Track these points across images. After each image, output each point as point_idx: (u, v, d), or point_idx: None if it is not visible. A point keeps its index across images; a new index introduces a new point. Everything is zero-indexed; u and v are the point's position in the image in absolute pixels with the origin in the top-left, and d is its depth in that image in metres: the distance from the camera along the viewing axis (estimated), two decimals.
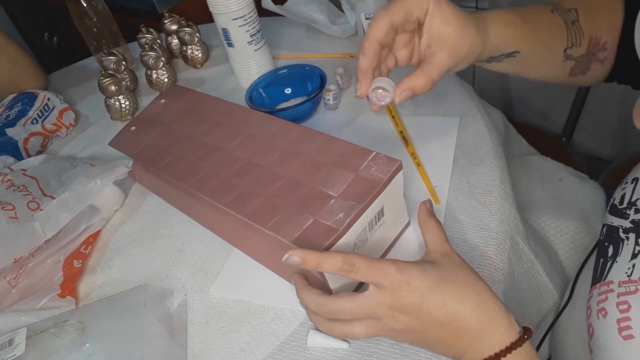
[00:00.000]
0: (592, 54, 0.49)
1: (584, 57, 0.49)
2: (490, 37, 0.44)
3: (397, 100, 0.42)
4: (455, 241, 0.48)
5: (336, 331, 0.38)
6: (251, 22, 0.72)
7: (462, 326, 0.35)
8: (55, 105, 0.81)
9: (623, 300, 0.39)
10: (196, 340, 0.47)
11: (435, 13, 0.41)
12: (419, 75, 0.42)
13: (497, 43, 0.45)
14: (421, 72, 0.42)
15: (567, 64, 0.49)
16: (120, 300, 0.50)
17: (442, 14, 0.41)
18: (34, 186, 0.58)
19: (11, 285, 0.53)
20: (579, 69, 0.50)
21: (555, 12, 0.48)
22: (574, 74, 0.51)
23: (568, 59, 0.49)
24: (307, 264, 0.36)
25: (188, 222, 0.59)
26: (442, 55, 0.42)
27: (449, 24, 0.41)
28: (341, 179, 0.43)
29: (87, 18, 0.88)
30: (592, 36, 0.48)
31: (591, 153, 1.23)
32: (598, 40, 0.49)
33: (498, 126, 0.66)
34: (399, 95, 0.42)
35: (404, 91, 0.42)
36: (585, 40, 0.48)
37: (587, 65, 0.50)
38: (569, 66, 0.50)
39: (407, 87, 0.42)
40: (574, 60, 0.49)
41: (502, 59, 0.47)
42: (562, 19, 0.48)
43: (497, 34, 0.45)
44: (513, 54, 0.47)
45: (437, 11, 0.41)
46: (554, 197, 0.67)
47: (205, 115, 0.58)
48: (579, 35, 0.48)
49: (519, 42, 0.46)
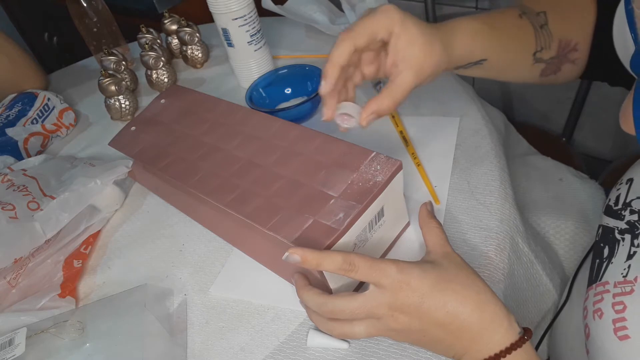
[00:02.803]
0: (562, 56, 0.49)
1: (554, 58, 0.49)
2: (457, 49, 0.44)
3: (363, 124, 0.43)
4: (455, 241, 0.48)
5: (336, 331, 0.38)
6: (251, 22, 0.72)
7: (462, 326, 0.35)
8: (55, 105, 0.81)
9: (619, 301, 0.39)
10: (196, 340, 0.47)
11: (401, 34, 0.41)
12: (384, 98, 0.42)
13: (464, 54, 0.45)
14: (386, 94, 0.42)
15: (537, 66, 0.49)
16: (120, 300, 0.50)
17: (407, 34, 0.41)
18: (34, 186, 0.58)
19: (11, 285, 0.53)
20: (550, 70, 0.50)
21: (523, 17, 0.48)
22: (545, 75, 0.51)
23: (538, 62, 0.49)
24: (307, 262, 0.36)
25: (188, 222, 0.59)
26: (407, 75, 0.42)
27: (415, 44, 0.41)
28: (341, 179, 0.43)
29: (87, 18, 0.88)
30: (561, 38, 0.48)
31: (591, 153, 1.23)
32: (568, 42, 0.48)
33: (498, 126, 0.66)
34: (364, 120, 0.43)
35: (370, 115, 0.43)
36: (555, 43, 0.48)
37: (558, 66, 0.50)
38: (540, 68, 0.50)
39: (373, 110, 0.42)
40: (544, 63, 0.49)
41: (469, 67, 0.47)
42: (531, 23, 0.47)
43: (464, 45, 0.45)
44: (480, 62, 0.47)
45: (402, 32, 0.41)
46: (554, 197, 0.67)
47: (205, 115, 0.58)
48: (548, 38, 0.48)
49: (487, 51, 0.46)
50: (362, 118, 0.43)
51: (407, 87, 0.42)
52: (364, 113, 0.43)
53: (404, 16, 0.41)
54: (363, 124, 0.43)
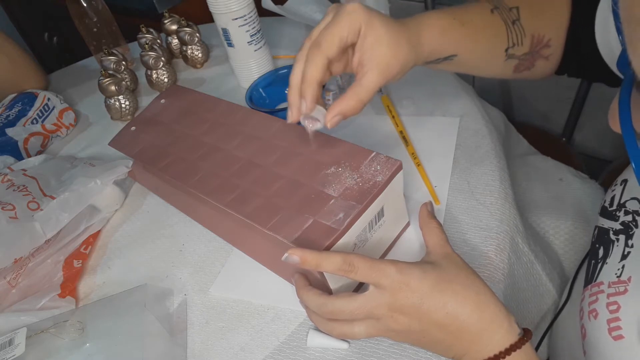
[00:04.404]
0: (535, 52, 0.49)
1: (527, 55, 0.49)
2: (425, 45, 0.44)
3: (328, 126, 0.42)
4: (455, 241, 0.48)
5: (336, 331, 0.38)
6: (251, 22, 0.72)
7: (462, 327, 0.35)
8: (55, 105, 0.81)
9: (613, 301, 0.39)
10: (196, 340, 0.47)
11: (368, 33, 0.41)
12: (349, 99, 0.42)
13: (433, 50, 0.45)
14: (351, 95, 0.42)
15: (510, 62, 0.49)
16: (120, 300, 0.50)
17: (374, 33, 0.41)
18: (34, 186, 0.58)
19: (11, 285, 0.53)
20: (523, 66, 0.50)
21: (495, 12, 0.47)
22: (518, 71, 0.50)
23: (510, 58, 0.48)
24: (307, 263, 0.36)
25: (188, 222, 0.59)
26: (372, 75, 0.41)
27: (381, 44, 0.41)
28: (341, 179, 0.43)
29: (87, 18, 0.88)
30: (534, 34, 0.47)
31: (591, 153, 1.23)
32: (541, 38, 0.48)
33: (498, 126, 0.66)
34: (330, 121, 0.42)
35: (335, 116, 0.42)
36: (528, 39, 0.47)
37: (532, 62, 0.50)
38: (512, 64, 0.49)
39: (337, 112, 0.42)
40: (516, 59, 0.49)
41: (440, 62, 0.47)
42: (502, 19, 0.47)
43: (433, 41, 0.44)
44: (450, 57, 0.46)
45: (368, 31, 0.41)
46: (554, 197, 0.67)
47: (205, 115, 0.58)
48: (520, 34, 0.47)
49: (457, 47, 0.46)
50: (327, 119, 0.42)
51: (373, 87, 0.42)
52: (328, 115, 0.42)
53: (369, 15, 0.40)
54: (328, 126, 0.42)
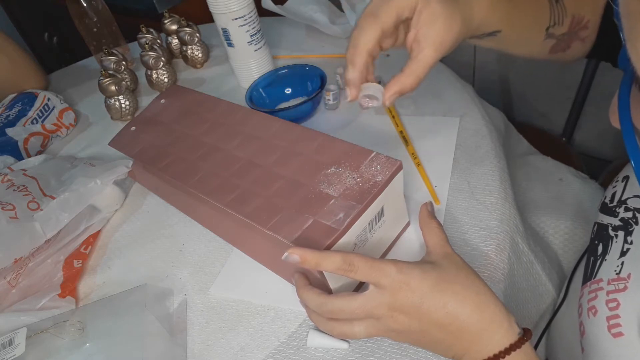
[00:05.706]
0: (573, 33, 0.49)
1: (565, 35, 0.49)
2: (475, 20, 0.44)
3: (387, 104, 0.43)
4: (455, 241, 0.48)
5: (336, 331, 0.38)
6: (251, 22, 0.72)
7: (462, 327, 0.35)
8: (55, 105, 0.81)
9: (612, 298, 0.39)
10: (196, 340, 0.47)
11: (423, 10, 0.41)
12: (407, 75, 0.42)
13: (480, 24, 0.45)
14: (409, 72, 0.42)
15: (548, 42, 0.49)
16: (120, 300, 0.50)
17: (429, 10, 0.41)
18: (34, 186, 0.58)
19: (11, 285, 0.53)
20: (560, 47, 0.50)
21: None
22: (554, 52, 0.50)
23: (549, 37, 0.48)
24: (307, 262, 0.36)
25: (188, 222, 0.59)
26: (429, 51, 0.42)
27: (437, 20, 0.41)
28: (341, 179, 0.43)
29: (87, 18, 0.88)
30: (575, 14, 0.48)
31: (591, 153, 1.23)
32: (581, 19, 0.48)
33: (498, 126, 0.66)
34: (388, 99, 0.43)
35: (393, 94, 0.43)
36: (568, 19, 0.48)
37: (568, 44, 0.50)
38: (550, 44, 0.49)
39: (396, 90, 0.42)
40: (555, 39, 0.49)
41: (483, 37, 0.47)
42: None
43: (482, 15, 0.44)
44: (494, 33, 0.47)
45: (425, 8, 0.41)
46: (554, 197, 0.67)
47: (205, 115, 0.58)
48: (562, 13, 0.47)
49: (502, 22, 0.46)
50: (385, 98, 0.43)
51: (429, 64, 0.42)
52: (386, 93, 0.43)
53: None
54: (387, 104, 0.43)
